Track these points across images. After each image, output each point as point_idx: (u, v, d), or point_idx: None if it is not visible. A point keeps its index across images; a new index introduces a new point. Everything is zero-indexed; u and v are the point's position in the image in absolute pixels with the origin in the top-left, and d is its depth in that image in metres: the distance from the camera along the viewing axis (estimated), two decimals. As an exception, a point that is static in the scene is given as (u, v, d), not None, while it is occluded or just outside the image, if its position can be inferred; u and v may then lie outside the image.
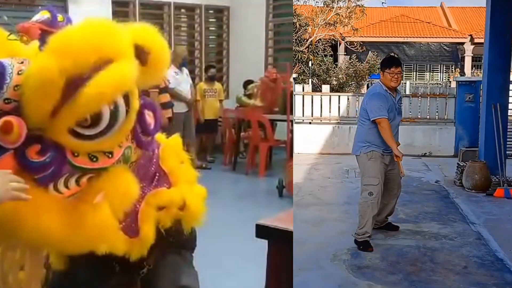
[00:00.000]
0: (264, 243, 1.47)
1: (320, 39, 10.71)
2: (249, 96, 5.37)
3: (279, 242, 1.44)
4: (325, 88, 7.12)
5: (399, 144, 2.87)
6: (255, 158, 4.93)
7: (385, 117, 2.74)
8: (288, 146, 4.79)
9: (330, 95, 6.90)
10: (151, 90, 4.30)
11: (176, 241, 1.20)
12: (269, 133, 4.86)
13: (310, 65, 10.21)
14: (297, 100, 6.76)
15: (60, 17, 1.10)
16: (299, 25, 9.98)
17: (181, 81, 4.77)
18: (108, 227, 1.01)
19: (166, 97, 4.55)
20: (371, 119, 2.78)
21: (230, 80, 6.61)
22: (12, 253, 1.02)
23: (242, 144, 5.51)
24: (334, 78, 10.02)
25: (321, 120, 6.82)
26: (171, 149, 1.23)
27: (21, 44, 1.08)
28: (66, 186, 0.98)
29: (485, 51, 4.69)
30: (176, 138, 1.29)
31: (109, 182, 1.01)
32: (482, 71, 5.33)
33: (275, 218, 1.50)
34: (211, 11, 6.45)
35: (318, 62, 10.36)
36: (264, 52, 6.29)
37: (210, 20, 6.52)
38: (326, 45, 10.91)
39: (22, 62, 0.99)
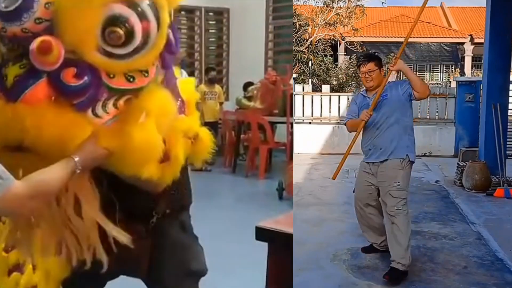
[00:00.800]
0: (264, 246, 1.47)
1: (320, 39, 10.71)
2: (249, 98, 5.38)
3: (279, 245, 1.44)
4: (325, 88, 7.12)
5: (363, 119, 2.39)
6: (255, 160, 4.94)
7: (347, 120, 2.57)
8: (288, 148, 4.79)
9: (330, 95, 6.90)
10: None
11: (178, 197, 1.21)
12: (269, 135, 4.87)
13: (310, 65, 10.21)
14: (297, 100, 6.76)
15: None
16: (299, 25, 9.98)
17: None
18: (156, 145, 0.99)
19: None
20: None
21: (230, 82, 6.62)
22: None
23: (242, 146, 5.50)
24: (334, 78, 10.02)
25: (321, 120, 6.82)
26: (187, 83, 1.24)
27: None
28: (105, 110, 0.94)
29: (485, 51, 4.69)
30: (190, 79, 1.32)
31: (149, 101, 0.98)
32: (482, 71, 5.33)
33: (275, 221, 1.50)
34: (211, 14, 6.46)
35: (318, 62, 10.36)
36: (264, 54, 6.30)
37: (210, 22, 6.53)
38: (326, 45, 10.91)
39: None
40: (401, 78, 15.29)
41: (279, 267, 1.46)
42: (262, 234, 1.45)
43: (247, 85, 5.62)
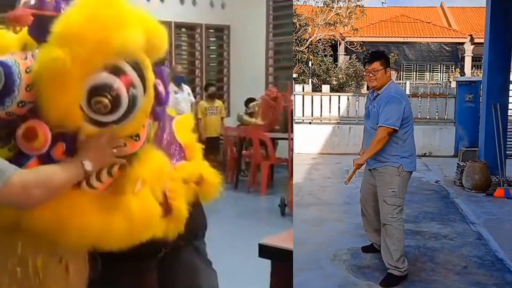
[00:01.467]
0: (267, 263, 1.45)
1: (320, 39, 10.71)
2: (251, 114, 5.37)
3: (282, 262, 1.42)
4: (325, 88, 7.13)
5: (369, 156, 2.33)
6: (256, 176, 4.89)
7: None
8: (290, 164, 4.77)
9: (330, 95, 6.91)
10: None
11: (190, 226, 1.17)
12: (271, 151, 4.83)
13: (310, 65, 10.21)
14: (297, 100, 6.76)
15: None
16: (299, 25, 9.98)
17: (180, 100, 4.72)
18: (155, 215, 0.98)
19: None
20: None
21: (231, 98, 6.62)
22: (54, 259, 0.95)
23: (244, 162, 5.46)
24: (334, 78, 10.02)
25: (321, 120, 6.82)
26: (184, 123, 1.20)
27: (9, 33, 0.99)
28: (99, 180, 0.93)
29: (485, 51, 4.69)
30: (188, 116, 1.28)
31: (143, 167, 0.97)
32: (482, 71, 5.33)
33: (278, 238, 1.48)
34: (211, 30, 6.47)
35: (318, 62, 10.36)
36: (265, 71, 6.29)
37: (211, 39, 6.55)
38: (326, 45, 10.91)
39: (25, 58, 0.90)
40: (402, 78, 15.29)
41: (282, 284, 1.45)
42: (265, 251, 1.43)
43: (248, 101, 5.62)
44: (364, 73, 2.45)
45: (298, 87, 7.01)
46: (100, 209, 0.93)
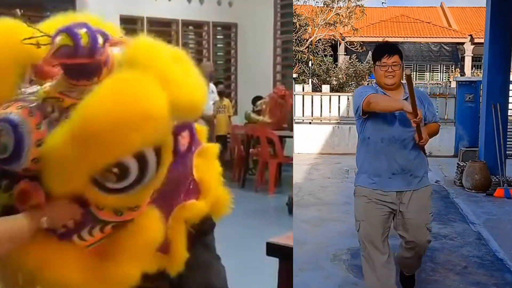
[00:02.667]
0: (275, 261, 1.45)
1: (320, 39, 10.72)
2: (258, 112, 5.35)
3: (290, 260, 1.42)
4: (325, 88, 7.13)
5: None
6: (264, 175, 4.87)
7: (370, 94, 1.87)
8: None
9: (330, 95, 6.91)
10: None
11: (198, 229, 1.16)
12: (278, 149, 4.80)
13: (310, 65, 10.22)
14: (297, 100, 6.76)
15: (83, 39, 0.85)
16: (299, 25, 9.98)
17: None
18: (128, 283, 0.97)
19: None
20: (355, 113, 1.95)
21: (239, 96, 6.61)
22: None
23: (251, 160, 5.43)
24: (334, 78, 10.02)
25: (321, 120, 6.82)
26: (207, 155, 1.14)
27: (36, 48, 0.90)
28: (91, 235, 0.93)
29: (485, 51, 4.69)
30: (214, 146, 1.19)
31: (132, 234, 0.95)
32: (482, 71, 5.33)
33: (286, 236, 1.48)
34: (219, 28, 6.45)
35: (318, 62, 10.36)
36: (272, 69, 6.28)
37: (218, 36, 6.53)
38: (326, 45, 10.92)
39: (37, 110, 0.83)
40: (402, 78, 15.15)
41: (290, 282, 1.45)
42: (273, 249, 1.43)
43: (256, 99, 5.61)
44: (379, 68, 1.91)
45: (298, 87, 7.01)
46: (79, 264, 0.93)
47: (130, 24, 5.43)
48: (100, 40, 0.89)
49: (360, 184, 1.98)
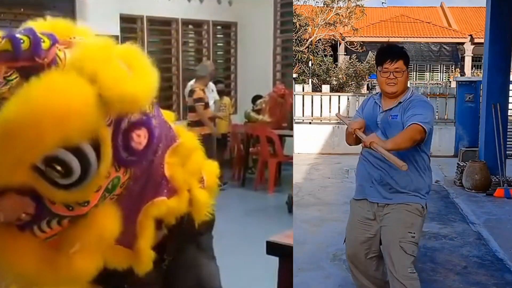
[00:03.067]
0: (275, 260, 1.45)
1: (320, 39, 10.72)
2: (258, 111, 5.36)
3: (290, 259, 1.42)
4: (325, 88, 7.13)
5: (391, 147, 1.60)
6: (264, 174, 4.87)
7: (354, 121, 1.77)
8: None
9: (330, 95, 6.91)
10: (198, 104, 4.34)
11: (192, 228, 1.17)
12: (278, 148, 4.80)
13: (310, 65, 10.22)
14: (297, 100, 6.76)
15: (24, 43, 0.88)
16: (299, 25, 9.98)
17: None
18: (83, 276, 1.00)
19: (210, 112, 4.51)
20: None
21: (238, 95, 6.61)
22: None
23: (251, 159, 5.43)
24: (334, 78, 10.02)
25: (321, 120, 6.82)
26: (180, 153, 1.14)
27: None
28: (50, 227, 0.96)
29: (485, 51, 4.69)
30: (190, 141, 1.19)
31: (87, 228, 0.98)
32: (482, 71, 5.33)
33: (286, 235, 1.48)
34: (218, 27, 6.44)
35: (318, 62, 10.36)
36: (272, 68, 6.28)
37: (218, 35, 6.50)
38: (326, 45, 10.92)
39: None
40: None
41: (290, 281, 1.45)
42: (273, 248, 1.43)
43: (255, 99, 5.61)
44: (380, 74, 1.74)
45: (298, 87, 7.01)
46: (35, 254, 0.96)
47: (130, 23, 5.41)
48: (45, 43, 0.92)
49: (353, 197, 1.89)
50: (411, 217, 1.71)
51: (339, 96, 7.00)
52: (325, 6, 10.80)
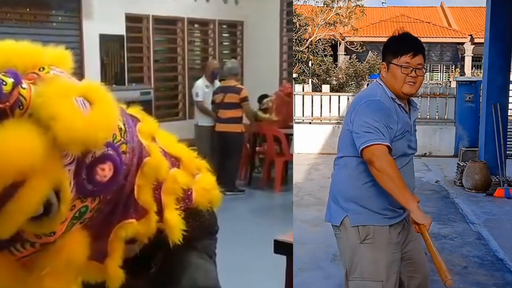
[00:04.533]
0: (281, 259, 1.45)
1: (320, 39, 10.72)
2: (264, 110, 5.32)
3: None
4: (325, 88, 7.13)
5: (419, 201, 1.37)
6: (270, 173, 4.86)
7: (383, 143, 1.32)
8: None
9: (330, 95, 6.91)
10: (245, 103, 4.38)
11: (186, 236, 1.17)
12: (285, 147, 4.77)
13: (310, 65, 10.22)
14: (297, 100, 6.76)
15: (7, 84, 0.89)
16: (299, 25, 9.98)
17: (210, 94, 4.72)
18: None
19: (237, 112, 4.50)
20: (359, 149, 1.36)
21: None
22: None
23: (258, 159, 5.39)
24: (334, 78, 10.02)
25: (321, 120, 6.83)
26: (149, 170, 1.14)
27: None
28: (23, 247, 1.01)
29: (485, 51, 4.69)
30: (152, 162, 1.15)
31: (56, 253, 1.03)
32: (482, 71, 5.33)
33: (293, 234, 1.49)
34: (224, 26, 6.43)
35: (318, 62, 10.37)
36: (279, 67, 6.27)
37: (224, 34, 6.48)
38: (326, 45, 10.92)
39: None
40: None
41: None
42: (280, 247, 1.43)
43: (262, 98, 5.61)
44: (398, 69, 1.41)
45: (298, 87, 7.01)
46: (9, 273, 1.01)
47: (136, 22, 5.40)
48: (7, 86, 0.91)
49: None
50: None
51: (339, 96, 7.00)
52: (325, 6, 10.80)
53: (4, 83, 0.89)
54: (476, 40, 13.75)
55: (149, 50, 5.48)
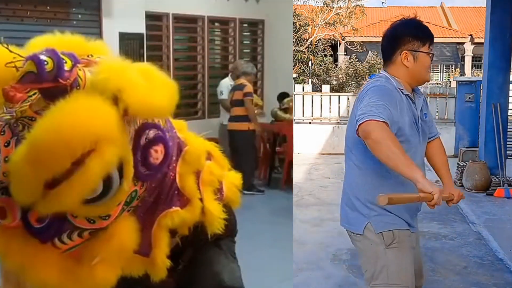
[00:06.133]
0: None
1: (320, 39, 10.72)
2: (285, 110, 5.29)
3: None
4: (325, 88, 7.13)
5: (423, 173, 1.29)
6: (290, 173, 4.74)
7: (380, 120, 1.22)
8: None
9: (330, 95, 6.91)
10: (247, 98, 4.36)
11: (206, 235, 1.17)
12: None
13: (310, 65, 10.22)
14: (297, 100, 6.76)
15: (48, 64, 0.91)
16: (299, 25, 9.98)
17: None
18: (103, 286, 1.02)
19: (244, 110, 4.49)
20: (358, 123, 1.26)
21: (265, 94, 6.58)
22: None
23: (278, 159, 5.30)
24: (334, 78, 10.03)
25: (321, 120, 6.82)
26: (190, 157, 1.15)
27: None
28: (70, 239, 0.99)
29: (485, 51, 4.69)
30: (195, 149, 1.16)
31: (107, 241, 1.01)
32: (482, 71, 5.33)
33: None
34: (245, 25, 6.41)
35: (318, 62, 10.37)
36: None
37: (245, 33, 6.42)
38: (326, 45, 10.93)
39: (3, 133, 0.90)
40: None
41: None
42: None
43: (281, 96, 5.58)
44: (426, 57, 1.36)
45: (298, 87, 7.01)
46: (58, 265, 0.99)
47: (155, 20, 5.34)
48: (67, 64, 0.95)
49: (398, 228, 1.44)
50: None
51: (339, 96, 7.00)
52: (325, 6, 10.80)
53: (65, 61, 0.93)
54: (476, 40, 13.75)
55: (168, 48, 5.44)
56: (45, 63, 0.90)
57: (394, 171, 1.24)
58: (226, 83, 4.72)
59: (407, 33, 1.37)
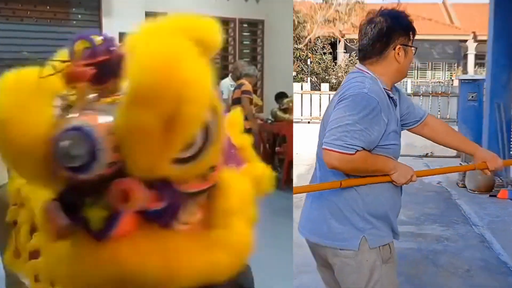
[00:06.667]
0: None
1: (319, 36, 10.65)
2: (285, 110, 5.27)
3: None
4: (324, 86, 7.08)
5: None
6: (290, 173, 4.80)
7: (350, 152, 1.16)
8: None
9: (329, 94, 6.85)
10: (245, 96, 4.37)
11: None
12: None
13: (308, 63, 10.15)
14: (296, 99, 6.70)
15: (97, 40, 0.95)
16: (298, 22, 9.91)
17: None
18: (249, 243, 0.99)
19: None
20: (324, 145, 1.21)
21: (265, 94, 6.56)
22: None
23: (277, 159, 5.34)
24: (334, 77, 9.96)
25: (320, 120, 6.77)
26: (234, 122, 1.20)
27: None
28: (190, 214, 0.93)
29: (488, 49, 4.62)
30: (236, 114, 1.24)
31: (226, 197, 0.96)
32: (485, 69, 5.26)
33: None
34: (245, 25, 6.40)
35: (317, 60, 10.30)
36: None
37: (244, 33, 6.45)
38: (325, 43, 10.85)
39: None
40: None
41: None
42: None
43: (279, 96, 5.55)
44: (410, 50, 1.31)
45: (296, 86, 6.96)
46: (201, 245, 0.92)
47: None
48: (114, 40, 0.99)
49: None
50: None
51: (339, 94, 6.95)
52: (324, 2, 10.73)
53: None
54: (479, 38, 13.66)
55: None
56: (94, 39, 0.95)
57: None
58: (226, 84, 4.71)
59: (400, 26, 1.31)
